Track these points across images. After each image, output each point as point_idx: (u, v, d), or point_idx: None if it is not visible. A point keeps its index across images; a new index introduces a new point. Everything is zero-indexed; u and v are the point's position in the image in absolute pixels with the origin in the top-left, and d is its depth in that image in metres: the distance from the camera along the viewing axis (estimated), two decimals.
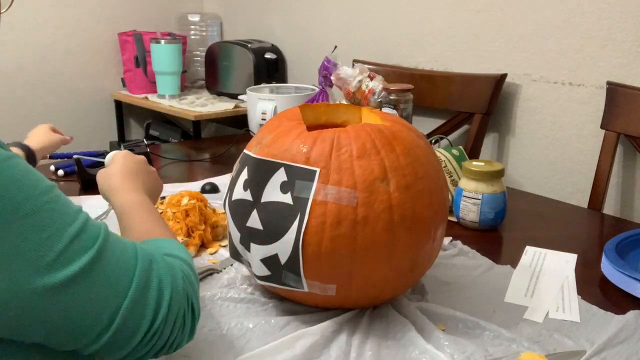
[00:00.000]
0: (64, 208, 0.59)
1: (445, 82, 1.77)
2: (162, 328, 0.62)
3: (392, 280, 0.83)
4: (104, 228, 0.63)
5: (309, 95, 1.80)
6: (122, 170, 0.92)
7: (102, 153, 1.54)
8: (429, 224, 0.83)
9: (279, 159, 0.81)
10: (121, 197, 0.87)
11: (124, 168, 0.92)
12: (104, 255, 0.60)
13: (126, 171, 0.92)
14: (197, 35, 2.74)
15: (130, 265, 0.62)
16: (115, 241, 0.63)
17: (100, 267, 0.59)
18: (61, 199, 0.60)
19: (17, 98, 2.48)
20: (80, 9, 2.56)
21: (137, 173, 0.93)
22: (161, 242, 0.75)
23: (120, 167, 0.93)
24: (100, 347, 0.60)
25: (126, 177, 0.90)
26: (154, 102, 2.46)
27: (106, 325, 0.59)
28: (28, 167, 0.59)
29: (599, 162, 1.45)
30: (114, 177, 0.91)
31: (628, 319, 0.85)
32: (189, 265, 0.71)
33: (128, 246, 0.64)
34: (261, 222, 0.81)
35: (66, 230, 0.58)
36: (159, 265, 0.65)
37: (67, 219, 0.59)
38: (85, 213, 0.63)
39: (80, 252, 0.58)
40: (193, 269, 0.72)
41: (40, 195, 0.57)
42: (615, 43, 1.44)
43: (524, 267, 1.05)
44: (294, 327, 0.83)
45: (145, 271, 0.63)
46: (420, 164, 0.83)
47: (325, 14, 2.23)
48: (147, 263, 0.63)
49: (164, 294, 0.63)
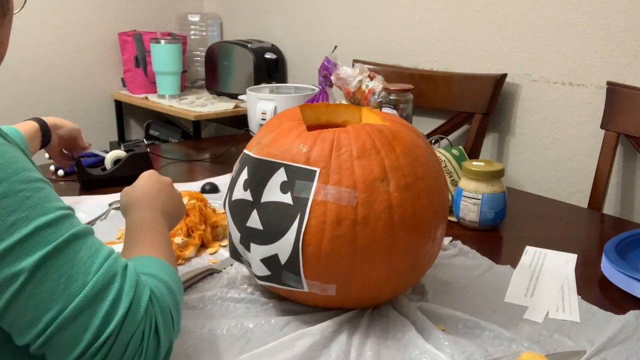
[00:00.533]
0: (41, 201, 0.59)
1: (445, 82, 1.77)
2: (108, 346, 0.59)
3: (392, 280, 0.83)
4: (79, 230, 0.61)
5: (309, 95, 1.80)
6: (144, 188, 0.89)
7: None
8: (429, 224, 0.83)
9: (279, 159, 0.81)
10: (135, 212, 0.85)
11: (146, 185, 0.90)
12: (62, 255, 0.59)
13: (147, 189, 0.89)
14: (197, 35, 2.74)
15: (90, 272, 0.60)
16: (85, 245, 0.61)
17: (53, 266, 0.58)
18: (42, 193, 0.60)
19: (17, 98, 2.48)
20: (80, 9, 2.56)
21: (159, 193, 0.89)
22: (150, 261, 0.72)
23: (142, 184, 0.90)
24: (39, 347, 0.59)
25: (147, 194, 0.88)
26: (154, 102, 2.46)
27: (43, 327, 0.58)
28: (18, 156, 0.60)
29: (599, 162, 1.45)
30: (135, 193, 0.88)
31: (628, 319, 0.85)
32: (168, 289, 0.67)
33: (100, 254, 0.62)
34: (261, 222, 0.81)
35: (33, 220, 0.58)
36: (124, 280, 0.62)
37: (40, 210, 0.59)
38: (68, 212, 0.62)
39: (38, 246, 0.57)
40: (174, 294, 0.68)
41: (19, 182, 0.58)
42: (615, 43, 1.44)
43: (524, 267, 1.05)
44: (294, 327, 0.83)
45: (104, 282, 0.60)
46: (420, 164, 0.83)
47: (325, 14, 2.24)
48: (110, 275, 0.61)
49: (117, 310, 0.60)
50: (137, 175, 1.46)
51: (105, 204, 1.30)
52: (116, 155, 1.48)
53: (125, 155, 1.47)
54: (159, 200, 0.88)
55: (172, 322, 0.66)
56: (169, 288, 0.68)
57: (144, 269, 0.68)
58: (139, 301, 0.62)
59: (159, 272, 0.69)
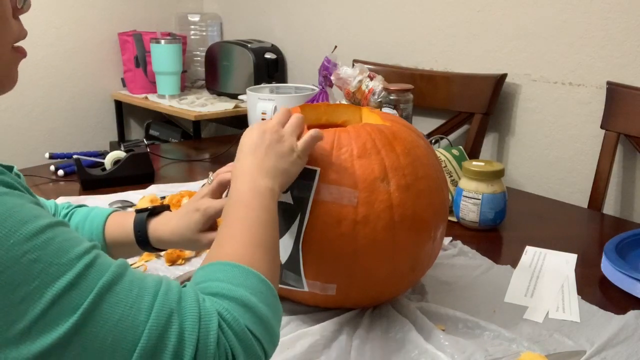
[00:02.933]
0: (54, 257, 0.48)
1: (445, 82, 1.77)
2: None
3: (393, 280, 0.83)
4: (111, 275, 0.50)
5: (309, 95, 1.80)
6: (247, 147, 0.74)
7: (102, 153, 1.54)
8: (429, 224, 0.83)
9: None
10: (233, 183, 0.71)
11: (246, 145, 0.74)
12: (96, 317, 0.48)
13: (249, 148, 0.74)
14: (197, 35, 2.74)
15: (138, 323, 0.49)
16: (123, 291, 0.50)
17: (90, 331, 0.47)
18: (53, 245, 0.48)
19: (18, 98, 2.48)
20: (80, 9, 2.56)
21: (266, 149, 0.73)
22: (221, 271, 0.58)
23: (245, 143, 0.75)
24: None
25: (248, 156, 0.73)
26: (154, 102, 2.46)
27: None
28: (15, 205, 0.49)
29: (599, 162, 1.45)
30: (238, 161, 0.73)
31: (628, 319, 0.85)
32: (244, 305, 0.56)
33: (145, 296, 0.51)
34: None
35: (50, 287, 0.46)
36: (183, 318, 0.52)
37: (54, 271, 0.47)
38: (92, 257, 0.51)
39: (65, 315, 0.47)
40: (253, 308, 0.56)
41: (20, 242, 0.46)
42: (615, 43, 1.44)
43: (524, 267, 1.05)
44: (294, 327, 0.83)
45: (159, 329, 0.50)
46: (421, 163, 0.83)
47: (325, 14, 2.23)
48: (164, 318, 0.51)
49: (184, 356, 0.50)
50: (137, 175, 1.48)
51: (105, 204, 1.30)
52: (116, 155, 1.48)
53: (125, 155, 1.47)
54: (268, 158, 0.73)
55: (255, 341, 0.55)
56: (244, 304, 0.56)
57: (210, 286, 0.57)
58: (206, 337, 0.51)
59: (229, 287, 0.56)
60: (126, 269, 0.53)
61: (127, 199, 1.33)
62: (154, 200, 1.21)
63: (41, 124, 2.55)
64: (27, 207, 0.50)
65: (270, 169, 0.72)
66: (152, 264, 1.04)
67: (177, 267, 1.03)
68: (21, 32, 0.60)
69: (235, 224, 0.66)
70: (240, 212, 0.67)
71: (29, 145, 2.50)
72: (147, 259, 1.04)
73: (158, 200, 1.21)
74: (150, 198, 1.22)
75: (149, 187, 1.42)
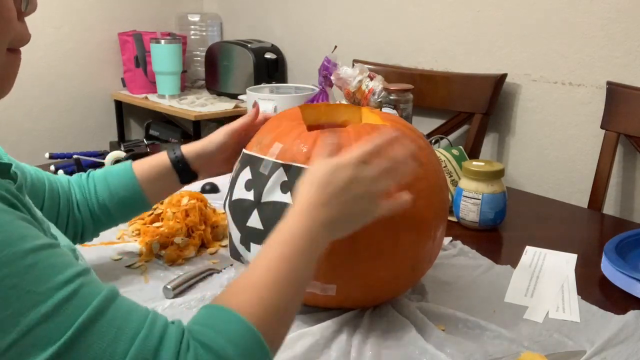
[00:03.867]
0: (33, 284, 0.45)
1: (445, 82, 1.77)
2: None
3: (393, 280, 0.83)
4: (92, 310, 0.47)
5: (309, 95, 1.80)
6: (319, 180, 0.65)
7: (102, 153, 1.54)
8: (429, 224, 0.83)
9: (279, 158, 0.81)
10: (293, 211, 0.64)
11: (323, 178, 0.65)
12: (70, 355, 0.45)
13: (323, 182, 0.65)
14: (197, 35, 2.74)
15: (119, 352, 0.46)
16: (101, 330, 0.47)
17: None
18: (34, 271, 0.45)
19: (17, 98, 2.48)
20: (80, 9, 2.56)
21: (341, 191, 0.65)
22: (225, 322, 0.54)
23: (319, 174, 0.65)
24: None
25: (316, 191, 0.64)
26: (154, 102, 2.46)
27: None
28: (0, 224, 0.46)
29: (599, 162, 1.45)
30: (304, 188, 0.65)
31: (628, 319, 0.85)
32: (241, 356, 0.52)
33: (122, 339, 0.47)
34: (262, 222, 0.81)
35: (24, 316, 0.43)
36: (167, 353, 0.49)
37: (31, 300, 0.44)
38: (76, 285, 0.47)
39: (37, 348, 0.43)
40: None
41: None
42: (615, 43, 1.44)
43: (524, 267, 1.05)
44: (294, 327, 0.83)
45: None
46: (421, 163, 0.83)
47: (325, 14, 2.24)
48: (150, 350, 0.48)
49: None
50: None
51: None
52: (116, 155, 1.48)
53: (125, 155, 1.47)
54: (335, 202, 0.64)
55: None
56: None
57: (205, 334, 0.53)
58: None
59: (222, 344, 0.52)
60: (112, 301, 0.49)
61: None
62: None
63: (41, 123, 2.55)
64: (13, 226, 0.47)
65: (337, 225, 0.64)
66: (152, 264, 1.03)
67: (177, 267, 1.02)
68: (24, 36, 0.57)
69: (265, 271, 0.59)
70: (276, 257, 0.60)
71: (29, 145, 2.50)
72: (146, 258, 1.04)
73: None
74: None
75: None
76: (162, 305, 0.89)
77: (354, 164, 0.66)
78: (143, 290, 0.94)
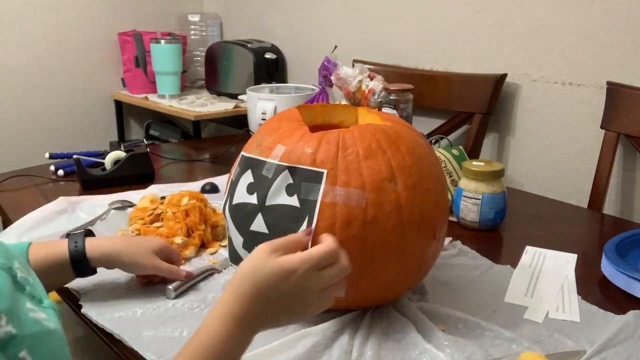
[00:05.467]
0: None
1: (445, 82, 1.77)
2: None
3: (400, 280, 0.83)
4: None
5: (309, 95, 1.80)
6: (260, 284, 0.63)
7: (102, 153, 1.54)
8: (434, 223, 0.83)
9: (283, 161, 0.80)
10: (214, 311, 0.63)
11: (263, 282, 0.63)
12: None
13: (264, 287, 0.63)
14: (197, 35, 2.74)
15: None
16: None
17: None
18: None
19: (17, 98, 2.48)
20: (80, 9, 2.56)
21: (279, 298, 0.64)
22: None
23: (261, 277, 0.64)
24: None
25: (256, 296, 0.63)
26: (154, 102, 2.46)
27: None
28: None
29: (599, 162, 1.45)
30: (240, 285, 0.63)
31: (628, 319, 0.85)
32: None
33: None
34: (267, 226, 0.80)
35: None
36: None
37: None
38: None
39: None
40: None
41: None
42: (615, 43, 1.44)
43: (524, 267, 1.05)
44: (296, 327, 0.83)
45: None
46: (424, 163, 0.83)
47: (325, 14, 2.24)
48: None
49: None
50: (137, 175, 1.48)
51: (105, 204, 1.30)
52: (116, 155, 1.48)
53: (125, 155, 1.47)
54: (271, 307, 0.63)
55: None
56: None
57: None
58: None
59: None
60: None
61: (127, 199, 1.33)
62: (154, 201, 1.21)
63: (41, 123, 2.55)
64: None
65: (265, 322, 0.65)
66: None
67: None
68: None
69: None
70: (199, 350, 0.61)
71: (29, 145, 2.50)
72: None
73: (158, 201, 1.21)
74: (150, 198, 1.22)
75: (149, 187, 1.42)
76: (165, 306, 0.89)
77: (303, 272, 0.64)
78: (145, 292, 0.94)
